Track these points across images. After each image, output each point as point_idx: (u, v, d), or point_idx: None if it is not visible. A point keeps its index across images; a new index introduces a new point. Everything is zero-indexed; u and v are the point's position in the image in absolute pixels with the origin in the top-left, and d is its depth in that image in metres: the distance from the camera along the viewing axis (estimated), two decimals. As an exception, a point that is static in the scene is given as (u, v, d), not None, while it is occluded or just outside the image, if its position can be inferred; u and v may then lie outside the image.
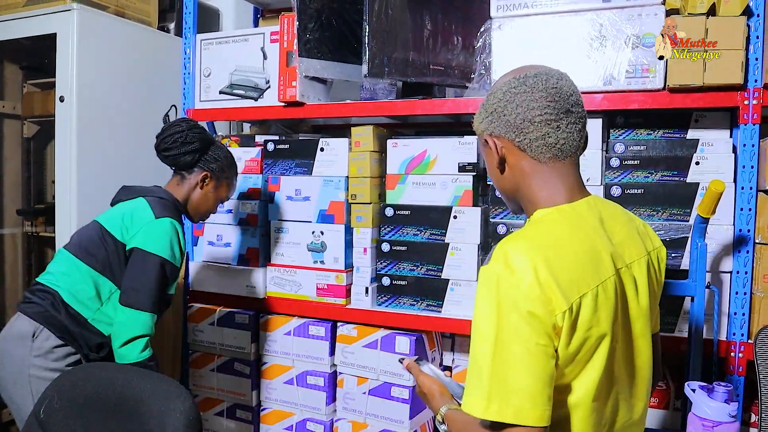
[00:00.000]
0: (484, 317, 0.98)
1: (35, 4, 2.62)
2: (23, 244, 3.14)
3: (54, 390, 1.55)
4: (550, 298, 0.96)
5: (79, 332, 1.76)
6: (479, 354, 0.97)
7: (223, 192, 2.03)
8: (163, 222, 1.79)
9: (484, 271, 1.01)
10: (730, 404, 1.41)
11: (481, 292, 1.00)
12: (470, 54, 2.21)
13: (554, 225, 1.06)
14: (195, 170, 1.95)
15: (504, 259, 0.99)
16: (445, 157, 2.11)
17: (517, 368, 0.94)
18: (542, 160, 1.09)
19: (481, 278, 1.01)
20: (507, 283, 0.97)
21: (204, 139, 1.95)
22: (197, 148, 1.92)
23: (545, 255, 0.99)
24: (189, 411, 1.40)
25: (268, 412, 2.36)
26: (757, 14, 1.73)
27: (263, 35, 2.36)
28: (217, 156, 1.98)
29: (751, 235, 1.78)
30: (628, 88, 1.84)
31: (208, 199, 1.99)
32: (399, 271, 2.17)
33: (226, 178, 2.01)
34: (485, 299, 0.98)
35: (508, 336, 0.95)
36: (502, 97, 1.10)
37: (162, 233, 1.78)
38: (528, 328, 0.95)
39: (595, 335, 1.00)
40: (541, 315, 0.95)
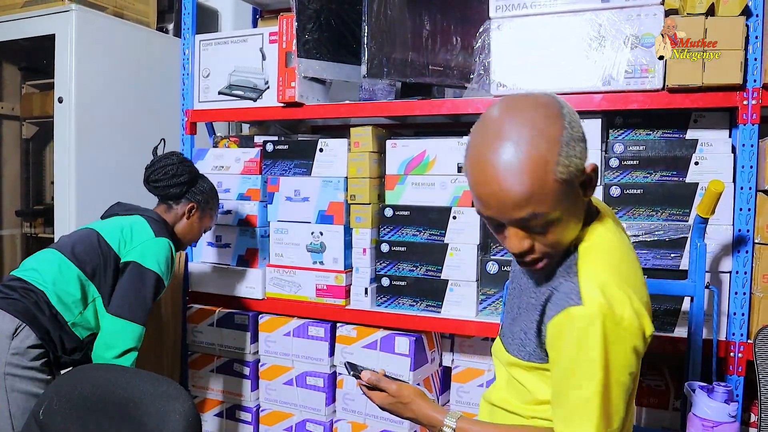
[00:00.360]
0: (590, 359, 0.98)
1: (34, 5, 2.62)
2: (22, 245, 3.14)
3: (53, 391, 1.54)
4: (644, 325, 1.01)
5: (57, 335, 1.75)
6: (584, 393, 0.99)
7: (207, 222, 2.12)
8: (161, 241, 1.88)
9: (583, 315, 0.99)
10: (729, 404, 1.41)
11: (581, 334, 0.98)
12: (469, 54, 2.21)
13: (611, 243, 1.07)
14: (182, 201, 2.03)
15: (603, 297, 0.98)
16: (445, 158, 2.11)
17: (618, 400, 1.00)
18: None
19: (581, 320, 0.99)
20: (611, 322, 0.97)
21: (192, 172, 2.05)
22: (186, 181, 2.00)
23: (628, 281, 1.02)
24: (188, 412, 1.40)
25: (268, 413, 2.35)
26: (756, 14, 1.73)
27: (262, 36, 2.36)
28: (203, 188, 2.07)
29: (751, 235, 1.78)
30: (627, 88, 1.84)
31: (193, 229, 2.07)
32: (398, 271, 2.17)
33: (210, 209, 2.10)
34: (589, 341, 0.98)
35: (615, 373, 0.99)
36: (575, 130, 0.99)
37: (160, 251, 1.86)
38: (631, 362, 1.00)
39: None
40: (640, 346, 1.01)
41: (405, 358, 2.09)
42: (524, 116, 0.97)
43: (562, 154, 0.95)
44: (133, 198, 2.07)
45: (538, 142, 0.95)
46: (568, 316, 1.00)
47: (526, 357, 1.12)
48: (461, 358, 2.28)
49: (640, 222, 1.90)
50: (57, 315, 1.75)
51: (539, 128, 0.96)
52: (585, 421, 1.00)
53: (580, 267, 1.03)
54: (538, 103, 1.00)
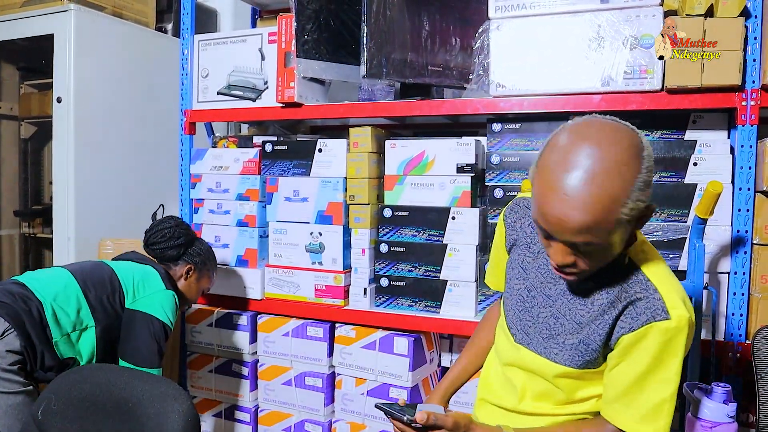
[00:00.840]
0: (672, 365, 1.08)
1: (32, 4, 2.62)
2: (20, 245, 3.13)
3: (52, 391, 1.54)
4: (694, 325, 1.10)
5: (40, 349, 1.72)
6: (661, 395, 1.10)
7: (205, 283, 2.17)
8: (170, 294, 1.96)
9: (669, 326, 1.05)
10: (728, 405, 1.41)
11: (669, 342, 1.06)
12: (468, 55, 2.21)
13: (650, 245, 1.18)
14: (180, 263, 2.09)
15: (687, 311, 1.06)
16: (444, 158, 2.11)
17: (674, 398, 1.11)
18: None
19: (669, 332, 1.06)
20: (691, 331, 1.08)
21: (189, 234, 2.12)
22: (183, 243, 2.08)
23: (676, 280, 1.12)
24: (187, 412, 1.40)
25: (267, 413, 2.35)
26: (754, 15, 1.74)
27: (261, 36, 2.36)
28: (200, 250, 2.14)
29: (749, 236, 1.78)
30: (626, 89, 1.84)
31: (191, 289, 2.12)
32: (397, 272, 2.17)
33: (207, 270, 2.16)
34: (674, 347, 1.07)
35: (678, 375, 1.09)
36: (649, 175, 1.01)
37: (168, 303, 1.94)
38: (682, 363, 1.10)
39: None
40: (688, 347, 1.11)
41: (404, 358, 2.09)
42: (610, 149, 0.97)
43: (632, 197, 0.97)
44: (132, 198, 2.07)
45: (613, 180, 0.96)
46: (655, 329, 1.06)
47: (582, 366, 1.16)
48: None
49: (639, 223, 1.90)
50: (46, 329, 1.74)
51: (619, 166, 0.96)
52: (660, 419, 1.10)
53: (653, 279, 1.10)
54: (625, 138, 1.00)
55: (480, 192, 2.16)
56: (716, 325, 1.80)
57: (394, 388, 2.11)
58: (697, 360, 1.70)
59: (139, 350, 1.86)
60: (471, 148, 2.07)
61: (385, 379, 2.13)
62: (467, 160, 2.08)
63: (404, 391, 2.10)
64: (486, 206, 2.13)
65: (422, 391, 2.19)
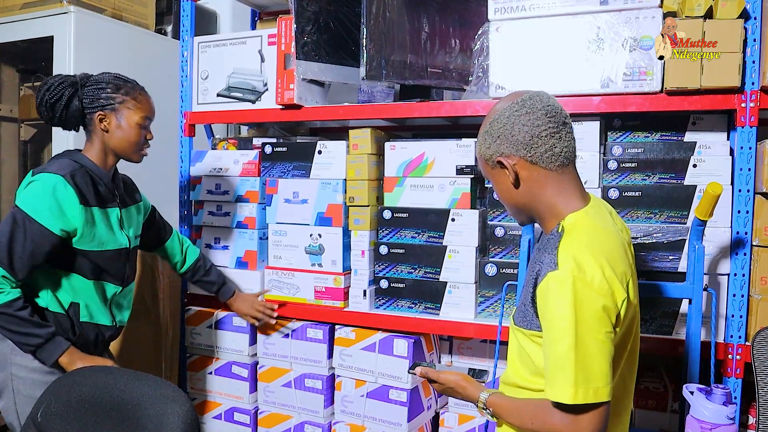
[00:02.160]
0: (563, 315, 1.12)
1: (32, 6, 2.62)
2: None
3: (51, 393, 1.54)
4: (614, 291, 1.14)
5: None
6: (560, 348, 1.12)
7: (134, 116, 1.75)
8: (37, 178, 1.65)
9: (557, 276, 1.14)
10: (728, 406, 1.41)
11: (557, 292, 1.13)
12: (468, 56, 2.21)
13: (591, 227, 1.22)
14: (88, 119, 1.75)
15: (574, 262, 1.13)
16: (443, 160, 2.11)
17: (595, 356, 1.11)
18: (552, 168, 1.25)
19: (555, 281, 1.14)
20: (581, 283, 1.12)
21: (66, 85, 1.72)
22: (66, 97, 1.72)
23: (602, 253, 1.16)
24: (187, 414, 1.40)
25: (266, 415, 2.35)
26: (754, 17, 1.74)
27: (261, 38, 2.36)
28: (94, 90, 1.74)
29: (749, 238, 1.78)
30: (626, 90, 1.85)
31: (124, 134, 1.75)
32: (397, 273, 2.17)
33: (121, 102, 1.74)
34: (561, 299, 1.12)
35: (588, 329, 1.11)
36: (507, 120, 1.25)
37: (32, 190, 1.64)
38: (602, 320, 1.12)
39: (633, 311, 1.23)
40: (610, 307, 1.13)
41: (404, 360, 2.09)
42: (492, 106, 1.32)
43: (479, 141, 1.32)
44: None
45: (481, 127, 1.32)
46: (547, 280, 1.16)
47: (528, 325, 1.26)
48: (460, 360, 2.28)
49: (639, 224, 1.90)
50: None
51: (485, 118, 1.32)
52: (561, 375, 1.12)
53: (561, 243, 1.19)
54: (504, 98, 1.31)
55: (480, 194, 2.16)
56: (716, 326, 1.80)
57: (393, 389, 2.11)
58: (697, 362, 1.71)
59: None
60: (470, 149, 2.07)
61: (385, 380, 2.13)
62: (467, 161, 2.08)
63: (404, 393, 2.09)
64: (485, 208, 2.13)
65: (422, 392, 2.19)
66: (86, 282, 1.75)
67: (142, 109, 1.78)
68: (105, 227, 1.76)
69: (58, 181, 1.64)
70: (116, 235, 1.81)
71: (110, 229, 1.78)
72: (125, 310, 1.93)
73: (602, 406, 1.12)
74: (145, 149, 1.83)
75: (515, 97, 1.28)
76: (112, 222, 1.80)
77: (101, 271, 1.77)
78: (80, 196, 1.66)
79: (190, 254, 2.19)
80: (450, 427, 2.19)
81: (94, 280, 1.77)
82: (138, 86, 1.81)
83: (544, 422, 1.17)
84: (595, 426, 1.12)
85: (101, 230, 1.74)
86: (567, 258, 1.15)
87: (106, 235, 1.76)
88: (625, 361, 1.25)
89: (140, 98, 1.78)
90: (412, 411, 2.12)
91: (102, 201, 1.76)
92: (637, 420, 2.07)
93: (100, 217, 1.74)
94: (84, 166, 1.73)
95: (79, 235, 1.69)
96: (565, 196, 1.26)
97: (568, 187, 1.27)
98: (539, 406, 1.20)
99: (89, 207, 1.70)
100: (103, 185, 1.77)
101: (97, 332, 1.81)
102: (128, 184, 1.98)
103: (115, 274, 1.82)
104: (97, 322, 1.80)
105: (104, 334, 1.84)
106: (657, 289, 1.76)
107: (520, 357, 1.32)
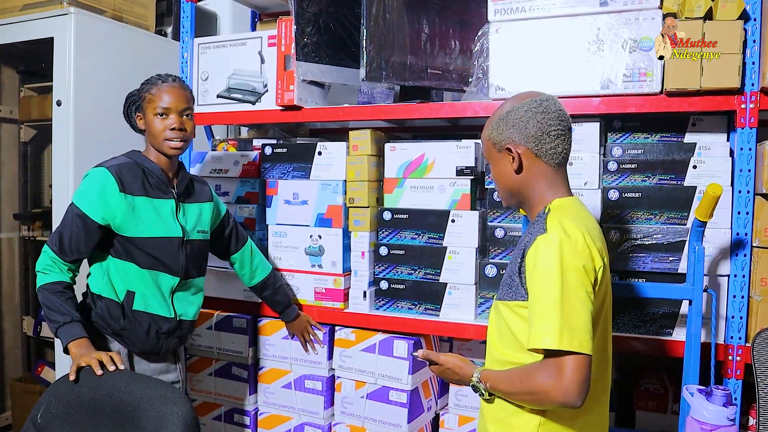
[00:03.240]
0: (550, 272, 1.22)
1: (32, 8, 2.62)
2: (20, 249, 3.13)
3: (51, 394, 1.54)
4: (594, 257, 1.26)
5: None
6: (547, 300, 1.21)
7: (150, 109, 1.83)
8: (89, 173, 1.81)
9: (545, 238, 1.26)
10: (728, 408, 1.41)
11: (546, 252, 1.24)
12: (468, 58, 2.21)
13: (575, 208, 1.36)
14: (134, 121, 1.92)
15: (562, 228, 1.26)
16: (443, 161, 2.11)
17: (578, 310, 1.20)
18: (551, 164, 1.38)
19: (544, 243, 1.25)
20: (567, 245, 1.24)
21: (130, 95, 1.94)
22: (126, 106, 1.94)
23: (584, 226, 1.29)
24: (187, 415, 1.40)
25: (266, 416, 2.35)
26: (753, 18, 1.74)
27: (261, 39, 2.36)
28: (133, 95, 1.93)
29: (749, 239, 1.78)
30: (626, 91, 1.85)
31: (150, 130, 1.85)
32: (397, 274, 2.17)
33: (143, 99, 1.85)
34: (550, 258, 1.23)
35: (571, 284, 1.21)
36: (524, 114, 1.36)
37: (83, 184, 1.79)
38: (583, 278, 1.23)
39: (606, 286, 1.35)
40: (590, 268, 1.25)
41: (403, 361, 2.09)
42: (507, 99, 1.44)
43: (493, 126, 1.42)
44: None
45: (493, 114, 1.44)
46: (537, 243, 1.27)
47: (512, 296, 1.34)
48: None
49: (639, 225, 1.90)
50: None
51: (500, 107, 1.43)
52: (548, 323, 1.20)
53: (549, 216, 1.32)
54: (518, 96, 1.42)
55: (479, 195, 2.16)
56: (716, 328, 1.80)
57: (393, 391, 2.11)
58: (697, 363, 1.71)
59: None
60: (470, 150, 2.07)
61: (385, 382, 2.13)
62: (467, 162, 2.08)
63: (404, 394, 2.09)
64: (485, 209, 2.13)
65: (422, 394, 2.19)
66: (141, 271, 1.81)
67: (155, 100, 1.83)
68: (152, 215, 1.82)
69: (102, 172, 1.77)
70: (167, 224, 1.84)
71: (159, 217, 1.83)
72: (190, 304, 1.94)
73: (585, 358, 1.18)
74: (174, 140, 1.84)
75: (531, 96, 1.39)
76: (162, 211, 1.84)
77: (154, 260, 1.82)
78: (120, 185, 1.77)
79: (259, 271, 2.17)
80: (450, 428, 2.19)
81: (148, 269, 1.81)
82: (160, 80, 1.86)
83: (531, 381, 1.23)
84: (579, 376, 1.18)
85: (146, 217, 1.80)
86: (554, 224, 1.27)
87: (152, 223, 1.81)
88: (598, 338, 1.31)
89: (155, 90, 1.84)
90: (412, 412, 2.12)
91: (152, 192, 1.84)
92: (637, 421, 2.07)
93: (145, 206, 1.81)
94: (136, 161, 1.85)
95: (120, 222, 1.77)
96: (555, 189, 1.39)
97: (559, 183, 1.40)
98: (527, 368, 1.27)
99: (132, 195, 1.78)
100: (156, 178, 1.85)
101: (150, 322, 1.83)
102: (196, 185, 2.01)
103: (171, 265, 1.85)
104: (152, 312, 1.83)
105: (160, 326, 1.84)
106: (657, 290, 1.76)
107: (499, 335, 1.40)
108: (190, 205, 1.94)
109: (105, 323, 1.81)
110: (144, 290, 1.82)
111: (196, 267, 1.94)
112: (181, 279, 1.88)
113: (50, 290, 1.73)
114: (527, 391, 1.25)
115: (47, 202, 3.06)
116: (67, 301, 1.72)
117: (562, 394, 1.18)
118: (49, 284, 1.74)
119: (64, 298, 1.73)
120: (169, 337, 1.88)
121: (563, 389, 1.18)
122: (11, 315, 3.11)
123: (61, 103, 2.51)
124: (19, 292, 3.13)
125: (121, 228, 1.78)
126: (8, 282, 3.10)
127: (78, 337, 1.66)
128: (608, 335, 1.41)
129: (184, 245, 1.87)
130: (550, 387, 1.19)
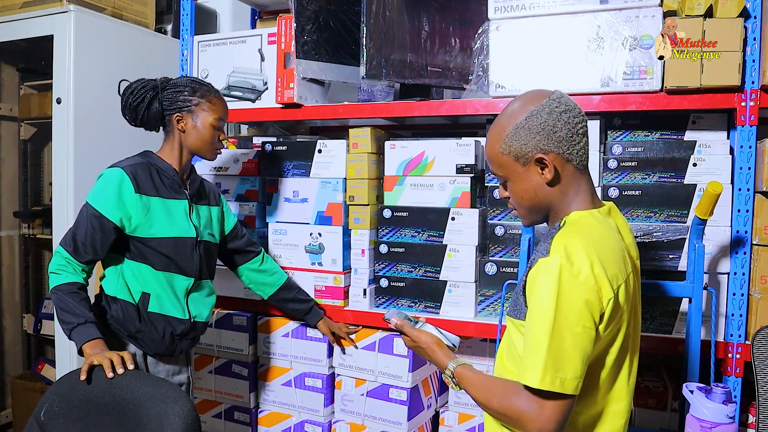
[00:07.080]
0: (545, 301, 1.13)
1: (32, 5, 2.62)
2: (20, 246, 3.14)
3: (54, 392, 1.55)
4: (600, 288, 1.13)
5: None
6: (538, 332, 1.13)
7: (208, 117, 1.85)
8: (104, 174, 1.79)
9: (545, 262, 1.16)
10: (727, 405, 1.41)
11: (543, 279, 1.15)
12: (468, 56, 2.21)
13: (592, 226, 1.22)
14: (167, 120, 1.87)
15: (565, 252, 1.14)
16: (443, 159, 2.11)
17: (568, 347, 1.12)
18: (580, 167, 1.26)
19: (543, 268, 1.16)
20: (568, 273, 1.12)
21: (147, 88, 1.85)
22: (148, 99, 1.84)
23: (596, 250, 1.15)
24: (187, 413, 1.40)
25: (266, 414, 2.35)
26: (754, 16, 1.74)
27: (261, 37, 2.36)
28: (173, 93, 1.85)
29: (749, 237, 1.78)
30: (626, 89, 1.85)
31: (199, 134, 1.85)
32: (397, 272, 2.17)
33: (197, 105, 1.85)
34: (547, 285, 1.13)
35: (565, 318, 1.12)
36: (548, 117, 1.22)
37: (99, 184, 1.78)
38: (582, 313, 1.12)
39: (622, 317, 1.20)
40: (593, 302, 1.12)
41: (404, 359, 2.10)
42: (512, 104, 1.28)
43: (507, 135, 1.25)
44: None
45: (499, 123, 1.27)
46: (537, 266, 1.18)
47: (517, 315, 1.27)
48: (460, 359, 2.28)
49: (639, 223, 1.90)
50: None
51: (508, 114, 1.27)
52: (533, 359, 1.13)
53: (558, 233, 1.21)
54: (528, 96, 1.27)
55: (480, 192, 2.16)
56: (716, 325, 1.81)
57: (393, 388, 2.12)
58: (697, 361, 1.71)
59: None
60: (470, 148, 2.07)
61: (385, 379, 2.13)
62: (467, 160, 2.08)
63: (404, 392, 2.10)
64: (485, 207, 2.13)
65: (422, 391, 2.19)
66: (156, 273, 1.81)
67: (216, 111, 1.87)
68: (165, 215, 1.82)
69: (117, 173, 1.77)
70: (181, 225, 1.85)
71: (173, 218, 1.83)
72: (204, 306, 1.94)
73: (568, 399, 1.13)
74: (220, 148, 1.94)
75: (543, 95, 1.26)
76: (176, 212, 1.85)
77: (169, 261, 1.82)
78: (136, 185, 1.77)
79: (268, 285, 2.17)
80: (450, 425, 2.19)
81: (163, 271, 1.82)
82: (213, 89, 1.90)
83: (509, 403, 1.18)
84: (557, 416, 1.12)
85: (160, 217, 1.81)
86: (558, 247, 1.16)
87: (167, 223, 1.82)
88: (615, 361, 1.22)
89: (214, 101, 1.88)
90: (412, 410, 2.12)
91: (165, 192, 1.84)
92: (636, 419, 2.07)
93: (159, 206, 1.81)
94: (150, 162, 1.84)
95: (136, 222, 1.77)
96: (579, 197, 1.27)
97: (586, 188, 1.28)
98: (508, 387, 1.21)
99: (147, 196, 1.79)
100: (169, 178, 1.85)
101: (165, 324, 1.83)
102: (205, 187, 2.02)
103: (185, 266, 1.85)
104: (167, 313, 1.83)
105: (175, 328, 1.84)
106: (657, 287, 1.77)
107: (508, 352, 1.32)
108: (202, 207, 1.95)
109: (121, 326, 1.80)
110: (159, 292, 1.82)
111: (209, 269, 1.96)
112: (196, 280, 1.88)
113: (64, 291, 1.70)
114: (502, 412, 1.20)
115: (47, 200, 3.06)
116: (81, 302, 1.71)
117: (537, 428, 1.13)
118: (63, 285, 1.72)
119: (78, 299, 1.71)
120: (183, 338, 1.88)
121: (539, 425, 1.13)
122: (11, 312, 3.12)
123: (60, 101, 2.51)
124: (19, 289, 3.13)
125: (137, 229, 1.78)
126: (8, 279, 3.11)
127: (93, 338, 1.66)
128: (632, 366, 1.29)
129: (198, 246, 1.88)
130: (527, 418, 1.14)
